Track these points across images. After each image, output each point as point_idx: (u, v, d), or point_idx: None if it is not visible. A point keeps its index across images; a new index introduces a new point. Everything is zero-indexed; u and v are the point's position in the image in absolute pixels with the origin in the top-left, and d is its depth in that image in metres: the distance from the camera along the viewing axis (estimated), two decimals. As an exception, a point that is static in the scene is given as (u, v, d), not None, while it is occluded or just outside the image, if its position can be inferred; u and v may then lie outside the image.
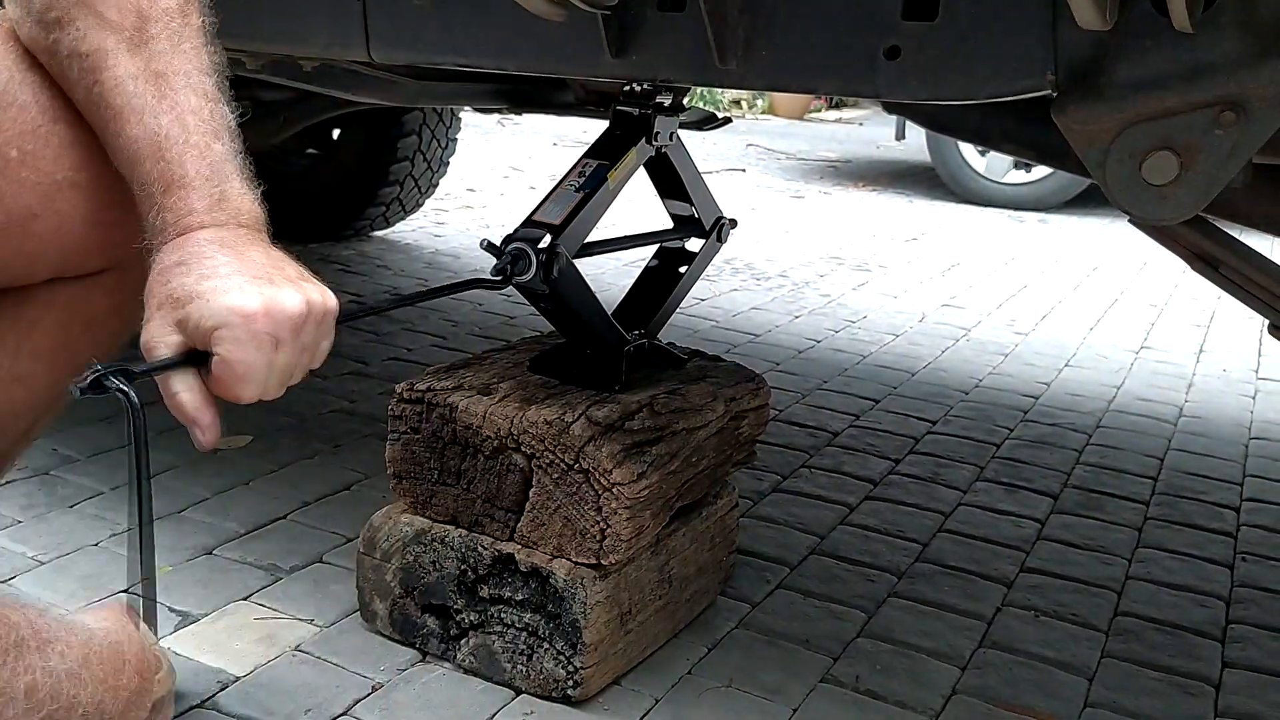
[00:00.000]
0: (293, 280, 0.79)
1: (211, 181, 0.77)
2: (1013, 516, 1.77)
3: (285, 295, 0.77)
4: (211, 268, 0.75)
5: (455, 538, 1.23)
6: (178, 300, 0.75)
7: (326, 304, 0.81)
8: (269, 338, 0.76)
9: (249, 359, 0.76)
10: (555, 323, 1.33)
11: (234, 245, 0.77)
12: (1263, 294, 1.04)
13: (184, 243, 0.76)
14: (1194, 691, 1.31)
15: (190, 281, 0.75)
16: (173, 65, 0.76)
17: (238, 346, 0.76)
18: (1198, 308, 3.31)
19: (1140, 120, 0.78)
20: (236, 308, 0.74)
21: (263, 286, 0.76)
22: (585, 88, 1.80)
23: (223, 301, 0.74)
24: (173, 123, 0.76)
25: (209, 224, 0.76)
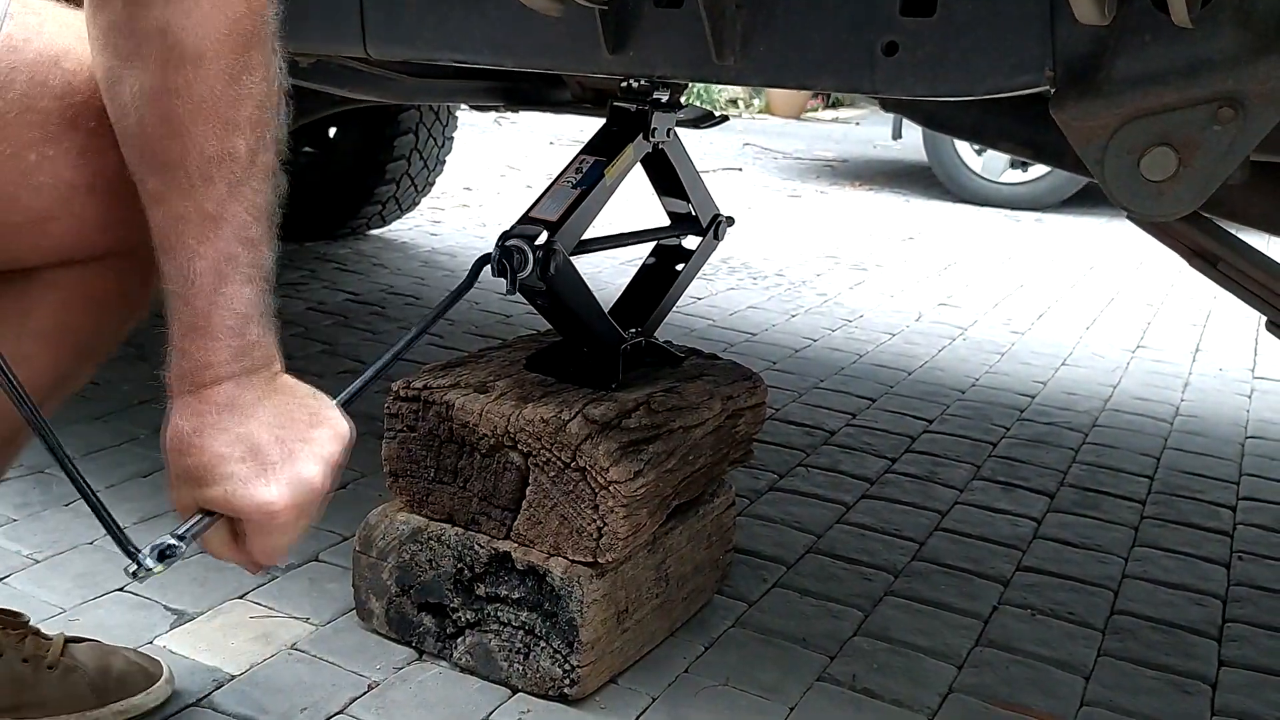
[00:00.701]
0: (308, 437, 0.79)
1: (234, 332, 0.76)
2: (1009, 515, 1.77)
3: (306, 469, 0.78)
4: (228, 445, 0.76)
5: (452, 536, 1.23)
6: (197, 478, 0.77)
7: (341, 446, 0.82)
8: (295, 521, 0.79)
9: (278, 546, 0.80)
10: (552, 320, 1.32)
11: (245, 408, 0.77)
12: (1260, 290, 1.04)
13: (198, 404, 0.76)
14: (1191, 690, 1.31)
15: (206, 460, 0.76)
16: (224, 212, 0.74)
17: (267, 539, 0.79)
18: (1194, 307, 3.31)
19: (1138, 116, 0.78)
20: (262, 506, 0.76)
21: (284, 470, 0.77)
22: (582, 85, 1.80)
23: (249, 500, 0.76)
24: (208, 267, 0.74)
25: (224, 377, 0.76)
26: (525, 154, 5.74)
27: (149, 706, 1.11)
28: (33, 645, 1.08)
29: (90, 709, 1.08)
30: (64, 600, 1.33)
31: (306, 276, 2.97)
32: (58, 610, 1.31)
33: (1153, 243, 3.84)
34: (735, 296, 3.12)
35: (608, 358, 1.29)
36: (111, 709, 1.09)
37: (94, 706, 1.08)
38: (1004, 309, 3.18)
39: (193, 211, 0.73)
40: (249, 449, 0.76)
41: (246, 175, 0.74)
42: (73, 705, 1.07)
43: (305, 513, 0.79)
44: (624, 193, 1.41)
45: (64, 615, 1.30)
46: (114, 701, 1.09)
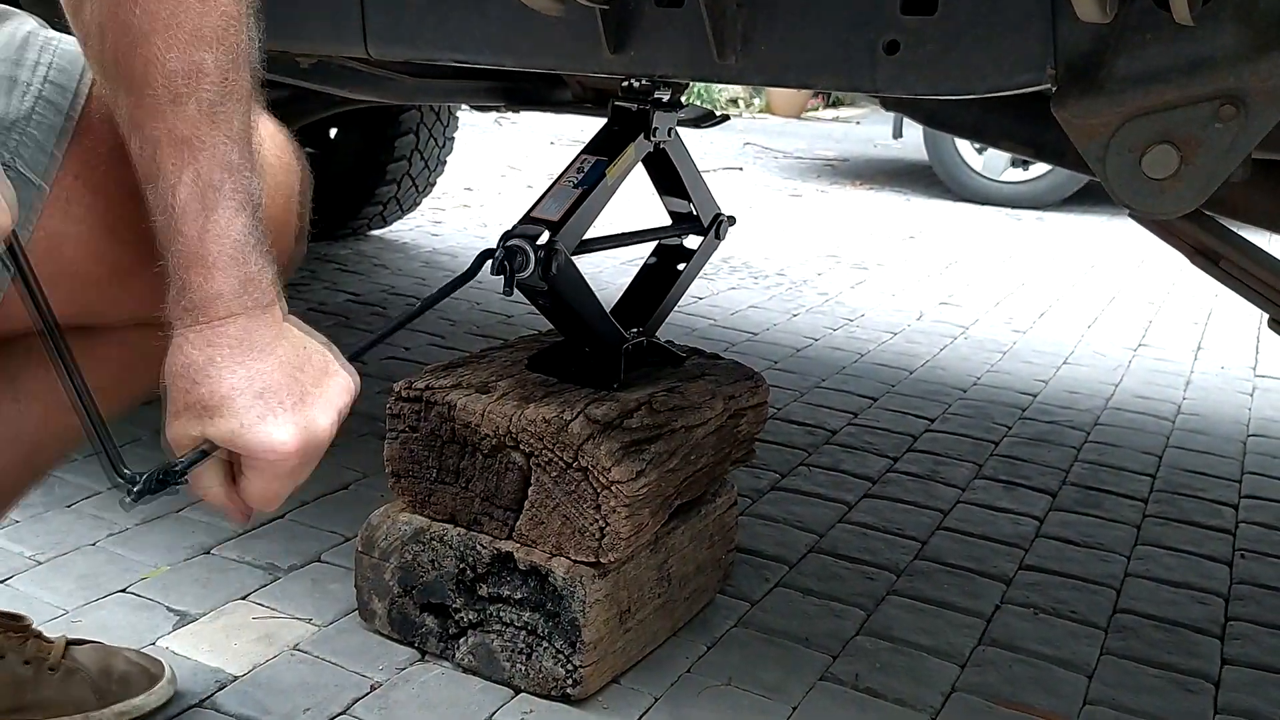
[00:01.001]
0: (320, 382, 0.78)
1: (236, 262, 0.74)
2: (1011, 514, 1.77)
3: (319, 417, 0.77)
4: (244, 380, 0.74)
5: (454, 536, 1.23)
6: (207, 409, 0.74)
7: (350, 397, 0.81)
8: (302, 471, 0.77)
9: (278, 491, 0.78)
10: (553, 320, 1.32)
11: (262, 346, 0.75)
12: (1262, 288, 1.04)
13: (211, 336, 0.74)
14: (1193, 688, 1.31)
15: (221, 391, 0.74)
16: (201, 135, 0.71)
17: (268, 483, 0.77)
18: (1195, 305, 3.31)
19: (1140, 114, 0.78)
20: (272, 445, 0.74)
21: (296, 413, 0.75)
22: (583, 85, 1.80)
23: (258, 437, 0.74)
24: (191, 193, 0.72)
25: (236, 312, 0.74)
26: (526, 154, 5.74)
27: (151, 707, 1.11)
28: (34, 647, 1.08)
29: (92, 710, 1.08)
30: (66, 602, 1.33)
31: (307, 277, 2.97)
32: (60, 612, 1.31)
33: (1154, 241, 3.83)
34: (736, 296, 3.12)
35: (609, 358, 1.29)
36: (113, 710, 1.09)
37: (96, 708, 1.08)
38: (1005, 308, 3.18)
39: (164, 134, 0.71)
40: (263, 387, 0.74)
41: (220, 96, 0.72)
42: (74, 707, 1.07)
43: (310, 460, 0.77)
44: (625, 193, 1.41)
45: (66, 617, 1.30)
46: (116, 703, 1.09)
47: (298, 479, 0.78)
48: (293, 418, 0.75)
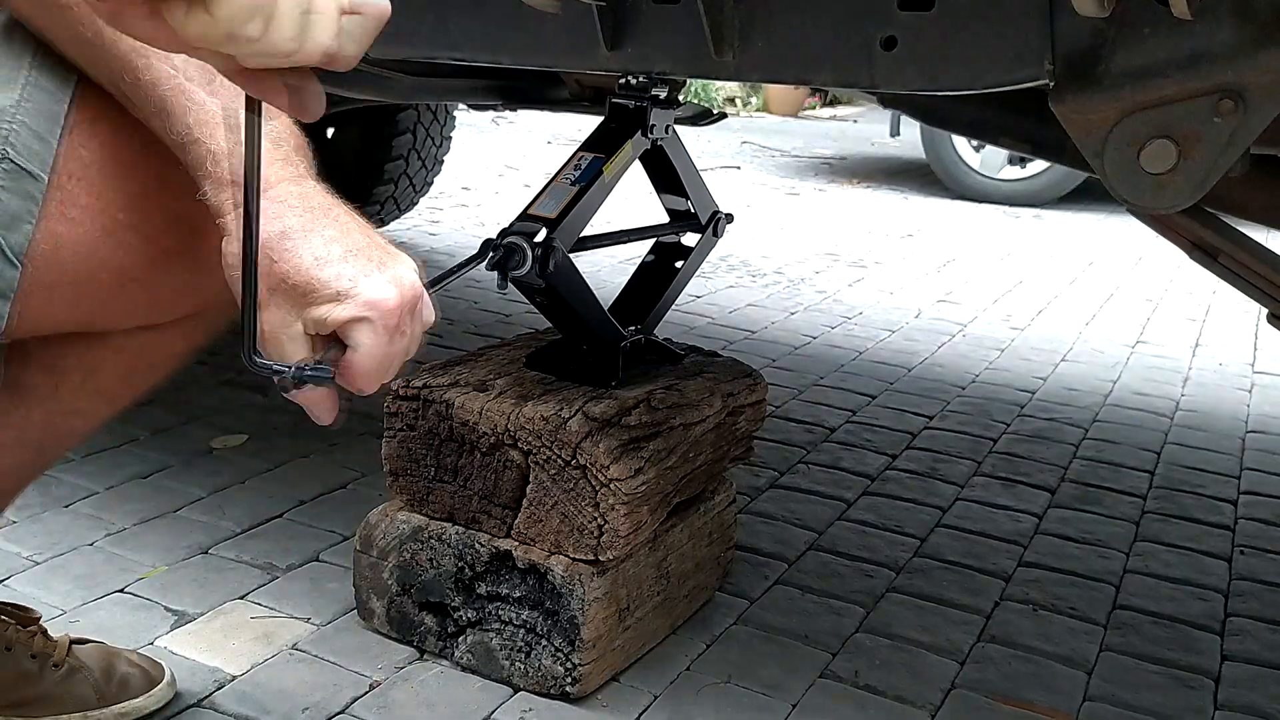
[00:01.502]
0: (387, 247, 0.76)
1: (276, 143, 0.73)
2: (1010, 511, 1.77)
3: (404, 273, 0.74)
4: (323, 247, 0.72)
5: (452, 535, 1.23)
6: (296, 287, 0.72)
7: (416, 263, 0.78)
8: (402, 329, 0.74)
9: (388, 354, 0.74)
10: (551, 318, 1.32)
11: (326, 211, 0.73)
12: (1261, 282, 1.04)
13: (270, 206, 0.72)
14: (1193, 684, 1.31)
15: (305, 265, 0.71)
16: None
17: (380, 344, 0.73)
18: (1193, 302, 3.31)
19: (1138, 109, 0.78)
20: (376, 302, 0.71)
21: (385, 270, 0.73)
22: (580, 83, 1.80)
23: (362, 297, 0.71)
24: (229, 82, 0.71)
25: (283, 178, 0.73)
26: (523, 153, 5.74)
27: (150, 709, 1.11)
28: (41, 643, 1.08)
29: (92, 709, 1.08)
30: (64, 602, 1.33)
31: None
32: (58, 612, 1.31)
33: (1152, 239, 3.81)
34: (734, 294, 3.12)
35: (607, 355, 1.29)
36: (114, 710, 1.09)
37: (96, 707, 1.08)
38: (1003, 305, 3.18)
39: None
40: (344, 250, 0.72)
41: None
42: (76, 705, 1.07)
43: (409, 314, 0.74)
44: (622, 192, 1.41)
45: (64, 617, 1.30)
46: (115, 703, 1.09)
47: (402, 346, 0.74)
48: (385, 277, 0.72)
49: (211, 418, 1.89)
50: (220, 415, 1.90)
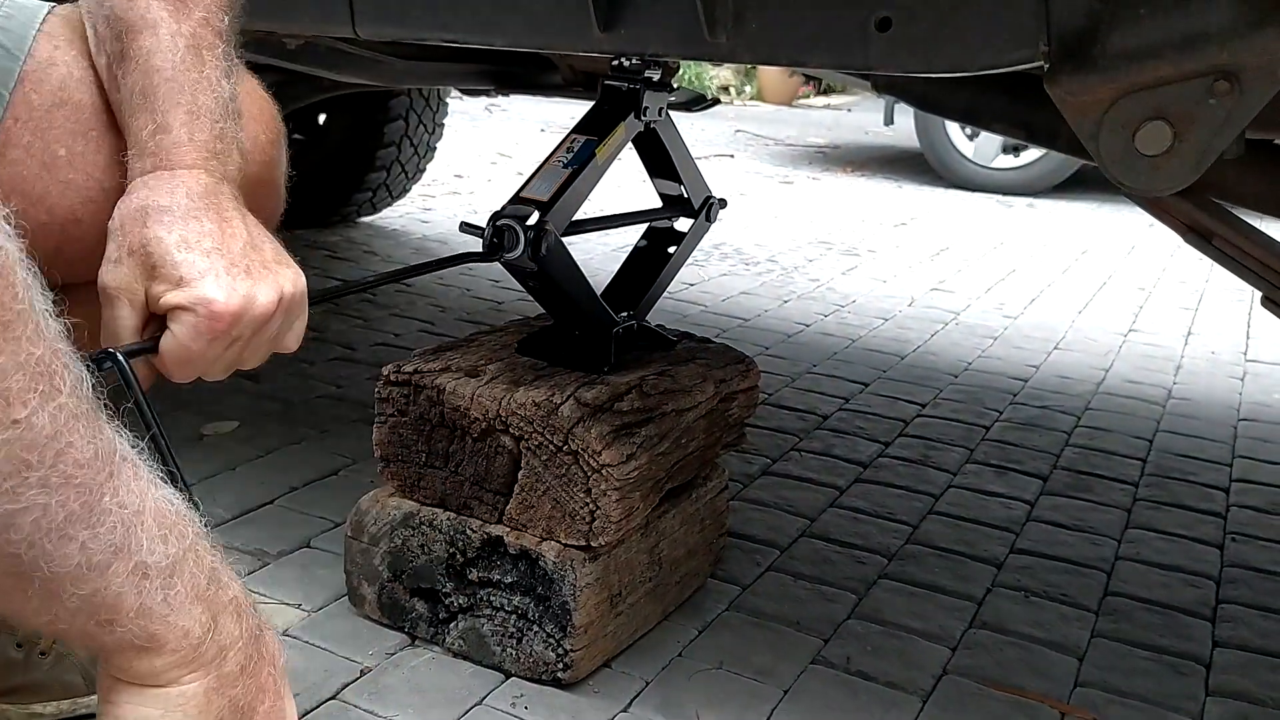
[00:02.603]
0: (269, 266, 0.76)
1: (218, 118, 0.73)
2: (1002, 498, 1.77)
3: (262, 292, 0.74)
4: (195, 235, 0.72)
5: (444, 520, 1.22)
6: (150, 257, 0.72)
7: (297, 291, 0.78)
8: (228, 338, 0.73)
9: (200, 353, 0.73)
10: (543, 302, 1.31)
11: (220, 209, 0.73)
12: (1256, 266, 1.03)
13: (172, 180, 0.72)
14: (1185, 670, 1.31)
15: (170, 242, 0.71)
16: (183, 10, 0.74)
17: (194, 340, 0.73)
18: (1186, 290, 3.31)
19: (1134, 90, 0.77)
20: (208, 300, 0.71)
21: (239, 280, 0.73)
22: (573, 69, 1.79)
23: (197, 290, 0.71)
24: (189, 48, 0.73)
25: (199, 165, 0.73)
26: (516, 141, 5.72)
27: None
28: None
29: (80, 696, 1.07)
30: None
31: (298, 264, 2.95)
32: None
33: (1145, 227, 3.82)
34: (727, 282, 3.11)
35: (600, 341, 1.28)
36: None
37: (84, 694, 1.07)
38: (996, 293, 3.18)
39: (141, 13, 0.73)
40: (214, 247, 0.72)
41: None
42: (63, 692, 1.07)
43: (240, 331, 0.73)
44: (615, 180, 1.40)
45: (53, 602, 1.29)
46: None
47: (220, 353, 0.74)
48: (233, 282, 0.72)
49: (202, 404, 1.88)
50: (210, 402, 1.89)
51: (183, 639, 0.58)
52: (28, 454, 0.48)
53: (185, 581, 0.59)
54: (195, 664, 0.59)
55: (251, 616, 0.65)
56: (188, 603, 0.59)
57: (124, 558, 0.55)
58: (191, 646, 0.59)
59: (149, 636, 0.57)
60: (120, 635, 0.56)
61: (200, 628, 0.59)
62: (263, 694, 0.64)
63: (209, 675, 0.60)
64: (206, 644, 0.59)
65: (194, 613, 0.59)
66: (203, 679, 0.60)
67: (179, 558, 0.59)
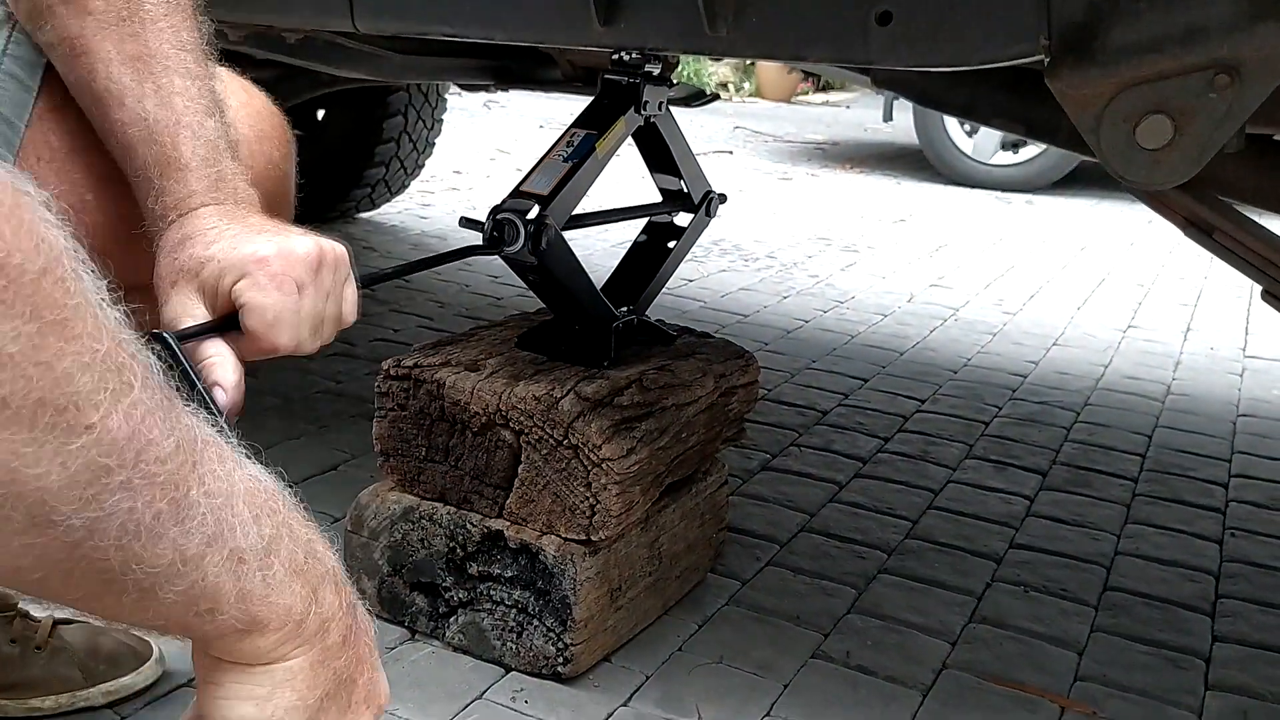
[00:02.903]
0: (301, 231, 0.79)
1: (208, 162, 0.76)
2: (1002, 493, 1.77)
3: (295, 241, 0.76)
4: (216, 235, 0.74)
5: (444, 515, 1.22)
6: (190, 270, 0.74)
7: (337, 250, 0.80)
8: (290, 280, 0.74)
9: (275, 302, 0.74)
10: (543, 296, 1.31)
11: (236, 216, 0.76)
12: (1256, 259, 1.03)
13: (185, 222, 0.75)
14: (1184, 665, 1.32)
15: (198, 251, 0.74)
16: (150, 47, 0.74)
17: (261, 293, 0.73)
18: (1185, 287, 3.31)
19: (1134, 84, 0.77)
20: (249, 255, 0.73)
21: (271, 236, 0.75)
22: (572, 63, 1.79)
23: (236, 255, 0.73)
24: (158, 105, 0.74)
25: (209, 203, 0.75)
26: (515, 137, 5.71)
27: (139, 687, 1.11)
28: (21, 626, 1.07)
29: (79, 689, 1.07)
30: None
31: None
32: (47, 592, 1.30)
33: (1144, 224, 3.82)
34: (727, 278, 3.11)
35: (600, 335, 1.28)
36: (101, 689, 1.08)
37: (82, 687, 1.07)
38: (995, 290, 3.18)
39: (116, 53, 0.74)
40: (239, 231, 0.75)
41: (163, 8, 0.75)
42: (61, 686, 1.07)
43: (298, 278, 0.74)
44: (614, 178, 1.40)
45: (53, 597, 1.29)
46: (103, 682, 1.09)
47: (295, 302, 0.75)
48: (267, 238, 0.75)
49: (201, 399, 1.88)
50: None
51: (286, 617, 0.56)
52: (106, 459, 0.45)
53: (283, 559, 0.57)
54: (299, 639, 0.58)
55: (348, 587, 0.64)
56: (287, 580, 0.57)
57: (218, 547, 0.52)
58: (295, 623, 0.57)
59: (251, 619, 0.55)
60: (221, 622, 0.54)
61: (302, 603, 0.57)
62: (361, 665, 0.64)
63: (313, 649, 0.59)
64: (309, 619, 0.58)
65: (294, 589, 0.57)
66: (307, 653, 0.58)
67: (274, 536, 0.56)
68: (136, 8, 0.74)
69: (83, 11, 0.74)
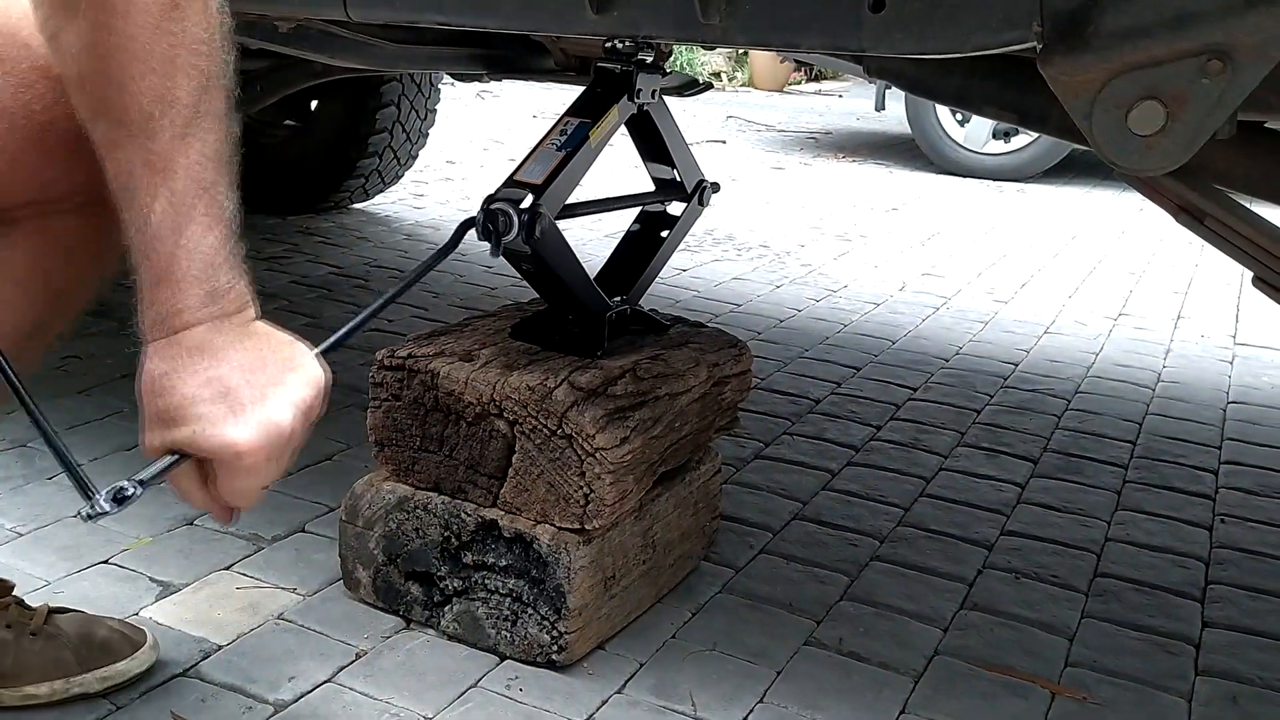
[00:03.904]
0: (279, 380, 0.79)
1: (202, 279, 0.75)
2: (993, 481, 1.78)
3: (278, 414, 0.78)
4: (198, 386, 0.75)
5: (438, 504, 1.23)
6: (170, 420, 0.76)
7: (317, 388, 0.82)
8: (265, 464, 0.78)
9: (247, 488, 0.79)
10: (537, 286, 1.31)
11: (217, 351, 0.76)
12: (1247, 245, 1.04)
13: (171, 348, 0.76)
14: (1174, 650, 1.32)
15: (176, 400, 0.76)
16: (174, 158, 0.73)
17: (238, 481, 0.78)
18: (1176, 275, 3.32)
19: (1126, 70, 0.77)
20: (232, 444, 0.76)
21: (253, 412, 0.76)
22: (565, 52, 1.78)
23: (217, 439, 0.76)
24: (165, 213, 0.74)
25: (194, 323, 0.76)
26: (509, 127, 5.70)
27: (134, 673, 1.11)
28: (16, 613, 1.07)
29: (73, 675, 1.07)
30: (48, 573, 1.32)
31: (289, 250, 2.95)
32: (42, 583, 1.30)
33: (1135, 212, 3.83)
34: (720, 268, 3.12)
35: (593, 325, 1.28)
36: (95, 675, 1.08)
37: (78, 672, 1.07)
38: (987, 278, 3.19)
39: (139, 161, 0.73)
40: (220, 391, 0.76)
41: (192, 122, 0.73)
42: (56, 671, 1.07)
43: (275, 456, 0.78)
44: (607, 169, 1.40)
45: (48, 588, 1.29)
46: (98, 667, 1.09)
47: (268, 475, 0.79)
48: (251, 417, 0.76)
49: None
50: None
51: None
52: None
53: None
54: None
55: None
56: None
57: None
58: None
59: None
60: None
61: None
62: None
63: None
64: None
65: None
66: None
67: None
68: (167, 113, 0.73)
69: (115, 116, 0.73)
